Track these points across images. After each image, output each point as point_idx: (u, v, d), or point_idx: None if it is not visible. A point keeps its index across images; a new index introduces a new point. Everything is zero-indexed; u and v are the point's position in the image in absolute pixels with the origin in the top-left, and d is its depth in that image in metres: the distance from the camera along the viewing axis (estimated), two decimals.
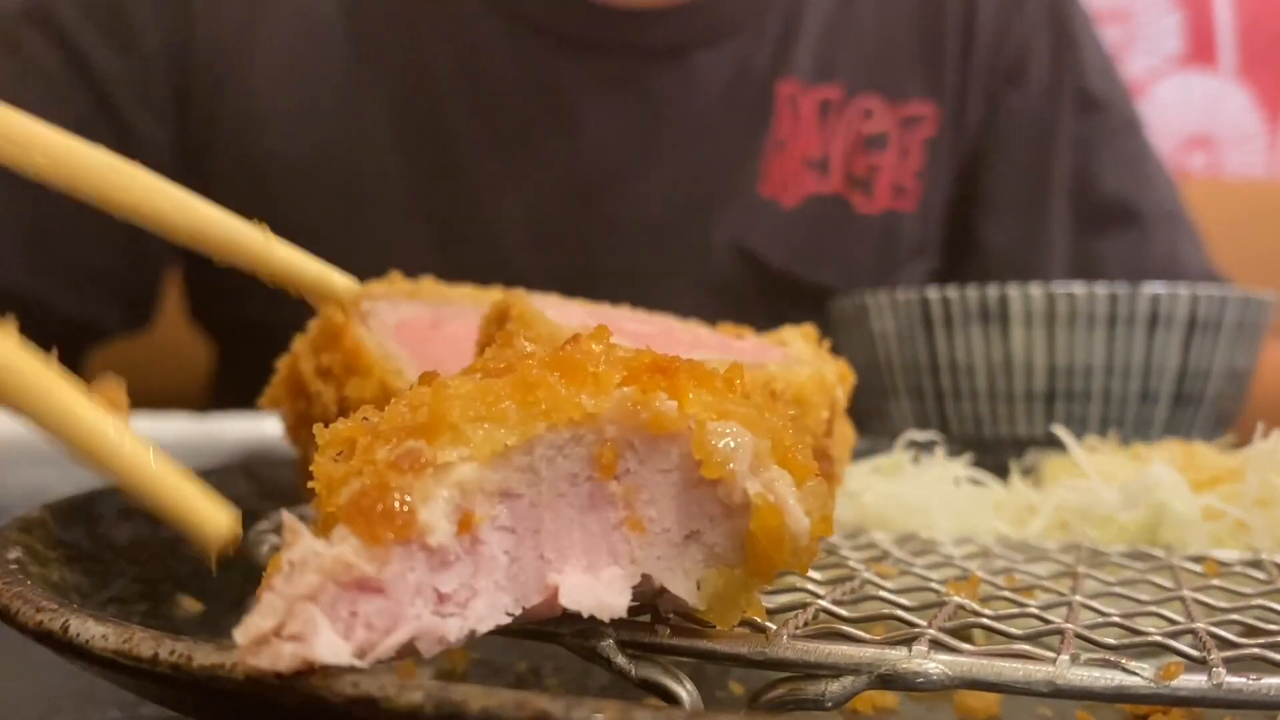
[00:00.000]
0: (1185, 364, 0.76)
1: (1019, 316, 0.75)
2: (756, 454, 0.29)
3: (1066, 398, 0.76)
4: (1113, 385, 0.76)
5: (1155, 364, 0.75)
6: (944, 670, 0.30)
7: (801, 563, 0.29)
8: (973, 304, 0.76)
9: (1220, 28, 2.80)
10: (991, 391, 0.78)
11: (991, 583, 0.41)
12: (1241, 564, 0.46)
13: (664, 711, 0.23)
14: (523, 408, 0.28)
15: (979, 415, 0.79)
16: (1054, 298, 0.74)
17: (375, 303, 0.50)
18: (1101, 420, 0.76)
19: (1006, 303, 0.75)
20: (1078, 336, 0.74)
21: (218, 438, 0.71)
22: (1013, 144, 1.17)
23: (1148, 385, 0.76)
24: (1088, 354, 0.75)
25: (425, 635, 0.27)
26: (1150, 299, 0.74)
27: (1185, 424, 0.78)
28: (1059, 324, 0.74)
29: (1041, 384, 0.76)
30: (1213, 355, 0.77)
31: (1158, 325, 0.75)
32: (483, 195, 1.06)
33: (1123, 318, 0.74)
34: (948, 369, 0.78)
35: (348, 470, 0.27)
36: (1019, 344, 0.76)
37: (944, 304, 0.77)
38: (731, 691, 0.43)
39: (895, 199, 1.15)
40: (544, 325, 0.40)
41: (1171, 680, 0.29)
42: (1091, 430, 0.76)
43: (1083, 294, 0.74)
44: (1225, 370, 0.78)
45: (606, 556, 0.30)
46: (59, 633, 0.29)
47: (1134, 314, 0.74)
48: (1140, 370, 0.75)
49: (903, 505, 0.56)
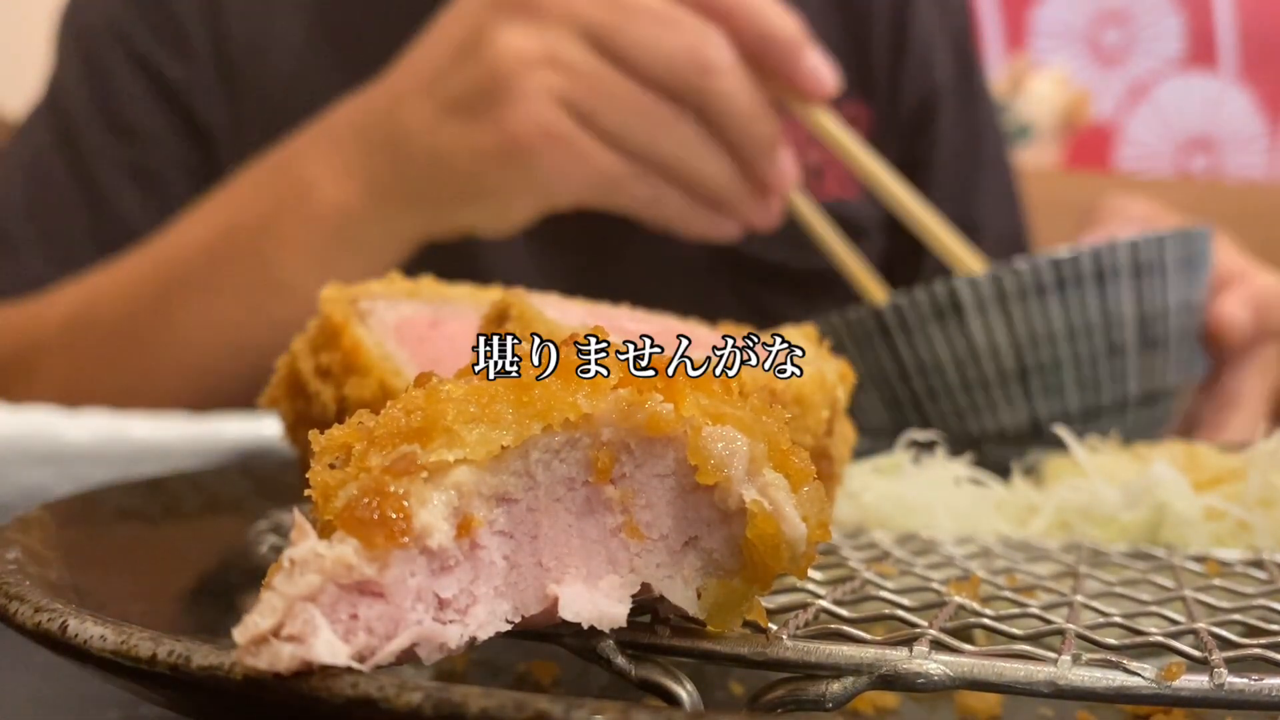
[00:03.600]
0: (1141, 309, 0.77)
1: (971, 304, 0.76)
2: (752, 459, 0.29)
3: (1039, 370, 0.77)
4: (1079, 347, 0.77)
5: (1113, 316, 0.77)
6: (945, 671, 0.29)
7: (799, 568, 0.29)
8: (924, 305, 0.77)
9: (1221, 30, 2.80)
10: (965, 383, 0.78)
11: (992, 583, 0.41)
12: (1243, 564, 0.46)
13: (664, 712, 0.23)
14: (518, 409, 0.28)
15: (959, 409, 0.79)
16: (999, 277, 0.75)
17: (374, 302, 0.50)
18: (1077, 384, 0.77)
19: (956, 293, 0.76)
20: (1032, 308, 0.75)
21: (218, 438, 0.71)
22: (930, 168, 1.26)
23: (1111, 338, 0.77)
24: (1046, 322, 0.76)
25: (426, 641, 0.27)
26: (1092, 256, 0.75)
27: (1159, 368, 0.79)
28: (1011, 301, 0.75)
29: (1010, 363, 0.77)
30: (1165, 294, 0.78)
31: (1105, 279, 0.76)
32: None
33: (1070, 279, 0.75)
34: (917, 372, 0.79)
35: (344, 477, 0.27)
36: (978, 330, 0.76)
37: (896, 311, 0.78)
38: (732, 692, 0.43)
39: (842, 189, 1.20)
40: (543, 325, 0.40)
41: (1173, 681, 0.29)
42: (1070, 398, 0.77)
43: (1026, 267, 0.75)
44: (1182, 305, 0.80)
45: (605, 564, 0.30)
46: (58, 633, 0.29)
47: (1080, 274, 0.75)
48: (1100, 326, 0.77)
49: (903, 505, 0.56)
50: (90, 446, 0.66)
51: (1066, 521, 0.54)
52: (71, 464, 0.65)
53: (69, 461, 0.65)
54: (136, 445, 0.67)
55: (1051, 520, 0.55)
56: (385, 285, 0.52)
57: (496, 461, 0.28)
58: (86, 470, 0.65)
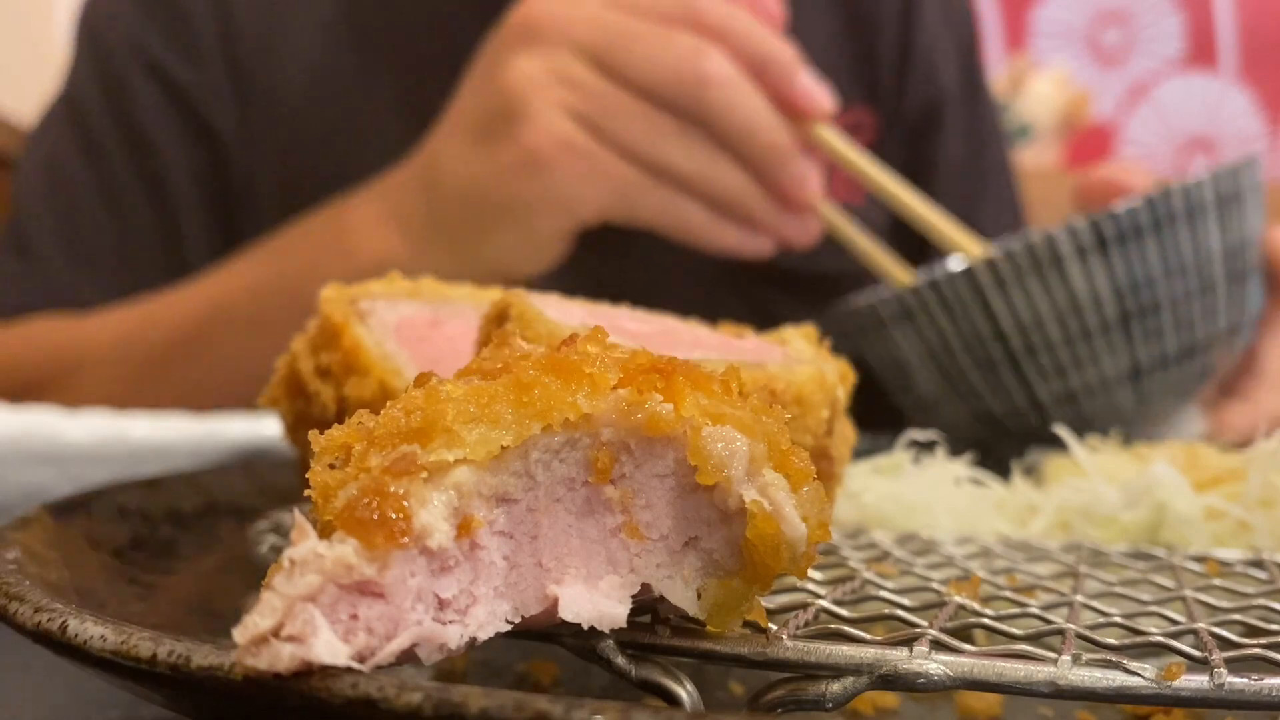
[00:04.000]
0: (1225, 242, 0.78)
1: (1071, 254, 0.76)
2: (752, 459, 0.29)
3: (1139, 315, 0.77)
4: (1174, 287, 0.77)
5: (1203, 253, 0.77)
6: (945, 671, 0.29)
7: (799, 568, 0.29)
8: (1023, 258, 0.76)
9: (1221, 30, 2.80)
10: (1066, 336, 0.78)
11: (993, 583, 0.41)
12: (1243, 564, 0.46)
13: (664, 712, 0.23)
14: (517, 409, 0.28)
15: (1060, 363, 0.79)
16: (1098, 223, 0.75)
17: (374, 302, 0.50)
18: (1175, 324, 0.78)
19: (1056, 244, 0.76)
20: (1131, 252, 0.76)
21: (218, 438, 0.71)
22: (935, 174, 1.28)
23: (1203, 275, 0.78)
24: (1144, 265, 0.76)
25: (426, 641, 0.27)
26: (1181, 193, 0.76)
27: (1243, 301, 0.81)
28: (1111, 246, 0.75)
29: (1113, 310, 0.77)
30: (1243, 225, 0.79)
31: (1195, 215, 0.76)
32: None
33: (1164, 219, 0.76)
34: (1015, 331, 0.78)
35: (343, 477, 0.27)
36: (1079, 280, 0.76)
37: (992, 268, 0.77)
38: (732, 692, 0.43)
39: (848, 194, 1.21)
40: (543, 325, 0.40)
41: (1173, 681, 0.29)
42: (1169, 340, 0.78)
43: (1123, 211, 0.75)
44: (1257, 235, 0.81)
45: (605, 564, 0.30)
46: (57, 633, 0.29)
47: (1173, 212, 0.76)
48: (1193, 264, 0.77)
49: (903, 505, 0.56)
50: (90, 446, 0.66)
51: (1067, 521, 0.54)
52: (71, 464, 0.65)
53: (69, 461, 0.65)
54: (136, 445, 0.67)
55: (1051, 520, 0.55)
56: (385, 285, 0.52)
57: (496, 462, 0.28)
58: (86, 470, 0.65)
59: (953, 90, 1.29)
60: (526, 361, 0.30)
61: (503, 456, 0.28)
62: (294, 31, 1.13)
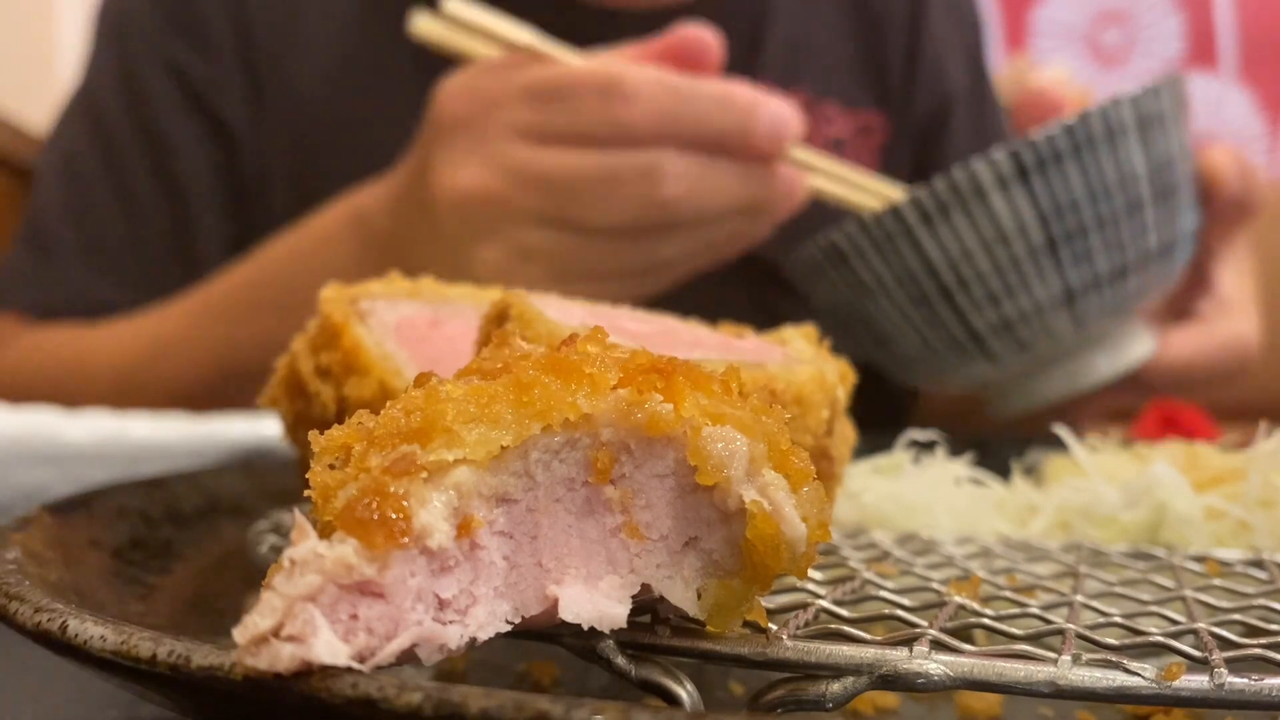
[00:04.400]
0: (1150, 162, 0.79)
1: (993, 184, 0.77)
2: (752, 459, 0.29)
3: (1067, 239, 0.78)
4: (1100, 209, 0.78)
5: (1127, 173, 0.78)
6: (945, 671, 0.29)
7: (799, 568, 0.29)
8: (945, 193, 0.78)
9: (1221, 30, 2.80)
10: (996, 266, 0.79)
11: (992, 583, 0.41)
12: (1243, 564, 0.46)
13: (664, 712, 0.23)
14: (517, 409, 0.28)
15: (992, 292, 0.80)
16: (1017, 153, 0.76)
17: (374, 302, 0.50)
18: (1104, 246, 0.79)
19: (976, 176, 0.76)
20: (1053, 178, 0.76)
21: (218, 438, 0.71)
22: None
23: (1129, 195, 0.78)
24: (1068, 190, 0.77)
25: (426, 641, 0.27)
26: (1100, 116, 0.76)
27: (1174, 218, 0.81)
28: (1032, 175, 0.76)
29: (1039, 237, 0.78)
30: (1167, 143, 0.80)
31: (1115, 137, 0.77)
32: None
33: (1084, 143, 0.76)
34: (945, 265, 0.80)
35: (343, 478, 0.27)
36: (1003, 210, 0.77)
37: (917, 205, 0.78)
38: (732, 692, 0.43)
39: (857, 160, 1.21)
40: (543, 325, 0.40)
41: (1173, 681, 0.29)
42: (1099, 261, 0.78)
43: (1041, 138, 0.76)
44: (1182, 151, 0.81)
45: (605, 564, 0.30)
46: (57, 633, 0.29)
47: (1091, 136, 0.76)
48: (1117, 185, 0.78)
49: (903, 505, 0.56)
50: (90, 446, 0.66)
51: (1066, 521, 0.54)
52: (71, 464, 0.65)
53: (69, 461, 0.65)
54: (136, 445, 0.67)
55: (1051, 520, 0.55)
56: (385, 285, 0.52)
57: (496, 462, 0.28)
58: (86, 470, 0.65)
59: (960, 91, 1.29)
60: (526, 361, 0.30)
61: (503, 456, 0.28)
62: (310, 27, 1.13)
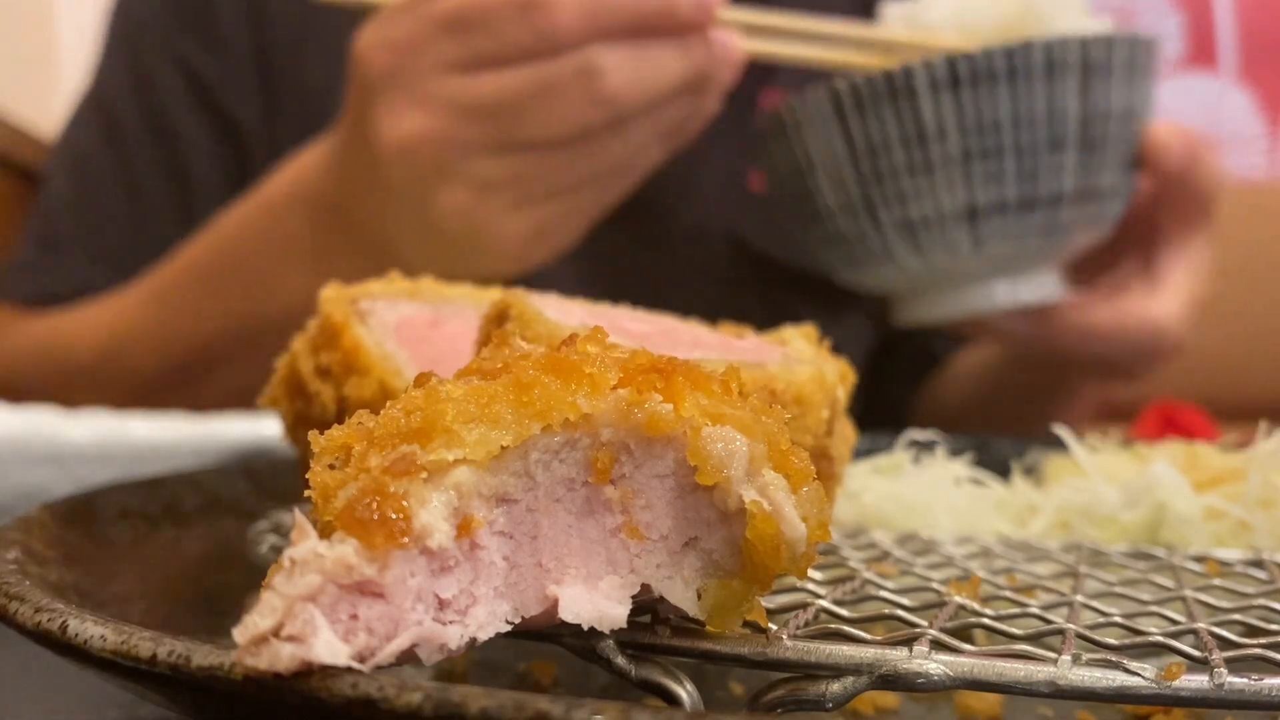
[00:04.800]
0: (1085, 108, 0.79)
1: (925, 87, 0.77)
2: (752, 459, 0.29)
3: (981, 156, 0.78)
4: (1021, 137, 0.78)
5: (1057, 110, 0.78)
6: (945, 670, 0.29)
7: (799, 568, 0.29)
8: (880, 85, 0.78)
9: (1221, 30, 2.80)
10: (910, 165, 0.80)
11: (992, 583, 0.41)
12: (1243, 564, 0.46)
13: (664, 712, 0.23)
14: (517, 409, 0.28)
15: (902, 193, 0.81)
16: (954, 61, 0.77)
17: (374, 302, 0.50)
18: (1017, 173, 0.79)
19: (911, 76, 0.77)
20: (982, 94, 0.77)
21: (218, 438, 0.71)
22: None
23: (1053, 132, 0.79)
24: (993, 109, 0.77)
25: (426, 642, 0.27)
26: (1044, 48, 0.77)
27: (1095, 167, 0.81)
28: (963, 86, 0.77)
29: (955, 147, 0.78)
30: (1109, 96, 0.80)
31: (1054, 73, 0.77)
32: None
33: (1021, 70, 0.77)
34: (866, 153, 0.80)
35: (343, 478, 0.27)
36: (929, 112, 0.78)
37: (853, 91, 0.79)
38: (732, 692, 0.43)
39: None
40: (543, 325, 0.40)
41: (1173, 681, 0.29)
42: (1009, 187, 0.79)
43: (981, 54, 0.76)
44: (1124, 111, 0.81)
45: (605, 565, 0.30)
46: (58, 633, 0.29)
47: (1030, 65, 0.77)
48: (1044, 118, 0.78)
49: (903, 505, 0.56)
50: (90, 446, 0.66)
51: (1066, 521, 0.54)
52: (71, 464, 0.65)
53: (69, 461, 0.65)
54: (136, 445, 0.67)
55: (1051, 520, 0.55)
56: (385, 285, 0.52)
57: (496, 462, 0.28)
58: (86, 470, 0.65)
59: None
60: (526, 361, 0.30)
61: (502, 457, 0.28)
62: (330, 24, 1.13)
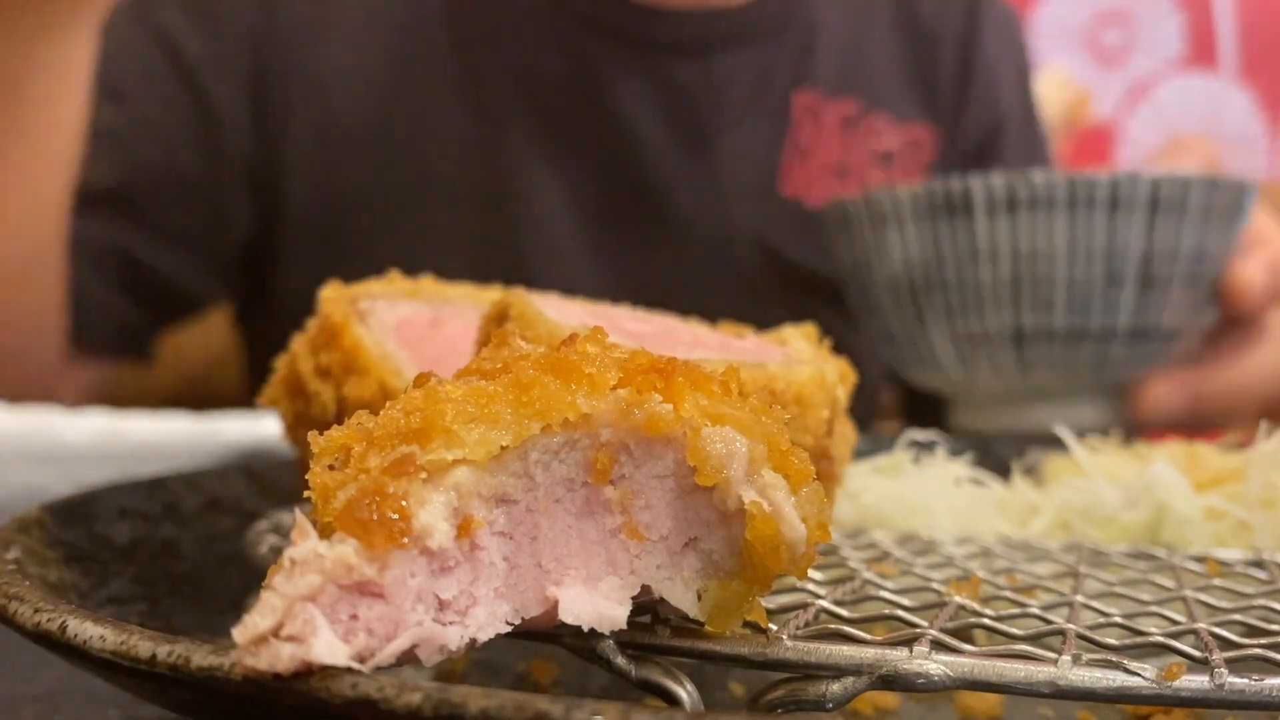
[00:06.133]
0: (1150, 247, 0.78)
1: (982, 205, 0.77)
2: (751, 459, 0.29)
3: (1031, 282, 0.79)
4: (1076, 271, 0.78)
5: (1118, 247, 0.78)
6: (945, 671, 0.29)
7: (799, 568, 0.29)
8: (939, 197, 0.79)
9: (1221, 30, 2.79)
10: (960, 281, 0.81)
11: (993, 583, 0.41)
12: (1243, 564, 0.46)
13: (664, 712, 0.23)
14: (517, 409, 0.28)
15: (950, 305, 0.82)
16: (1014, 185, 0.76)
17: (374, 302, 0.50)
18: (1067, 304, 0.79)
19: (969, 192, 0.77)
20: (1039, 221, 0.77)
21: (218, 438, 0.71)
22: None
23: (1111, 268, 0.78)
24: (1049, 238, 0.77)
25: (426, 642, 0.27)
26: (1110, 183, 0.76)
27: (1155, 306, 0.81)
28: (1020, 210, 0.77)
29: (1006, 270, 0.79)
30: (1178, 238, 0.79)
31: (1119, 208, 0.77)
32: (522, 167, 1.13)
33: (1083, 201, 0.77)
34: (919, 262, 0.82)
35: (343, 478, 0.27)
36: (983, 232, 0.78)
37: (913, 200, 0.80)
38: (732, 692, 0.43)
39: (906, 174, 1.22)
40: (543, 325, 0.40)
41: (1173, 681, 0.29)
42: (1057, 316, 0.79)
43: (1042, 180, 0.76)
44: (1194, 251, 0.80)
45: (605, 565, 0.30)
46: (57, 633, 0.29)
47: (1093, 198, 0.77)
48: (1103, 253, 0.78)
49: (903, 505, 0.56)
50: (90, 446, 0.66)
51: (1067, 521, 0.54)
52: (71, 464, 0.65)
53: (69, 461, 0.65)
54: (136, 445, 0.68)
55: (1052, 520, 0.54)
56: (385, 285, 0.52)
57: (496, 462, 0.28)
58: (86, 470, 0.65)
59: (1012, 112, 1.30)
60: (526, 361, 0.30)
61: (502, 457, 0.28)
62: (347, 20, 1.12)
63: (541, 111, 1.12)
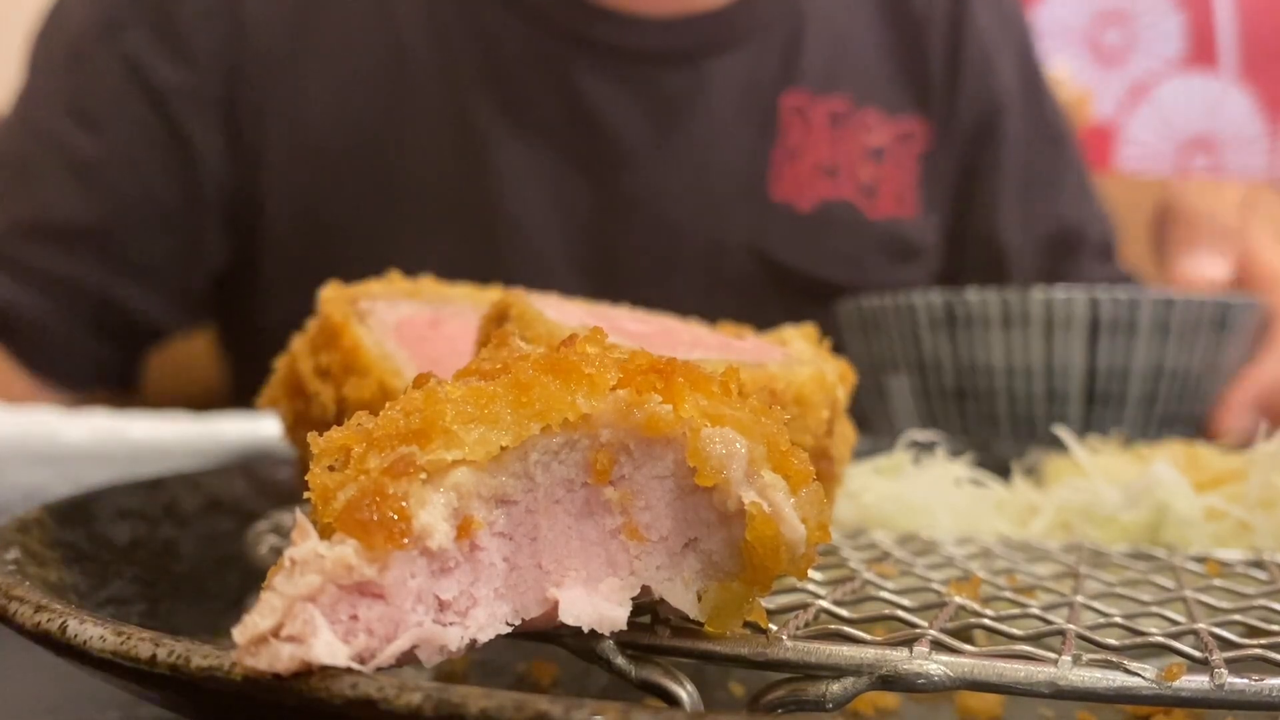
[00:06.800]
0: (1093, 364, 0.78)
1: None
2: (751, 460, 0.29)
3: (974, 395, 0.81)
4: (1015, 385, 0.79)
5: (1058, 364, 0.78)
6: (945, 671, 0.29)
7: (799, 569, 0.29)
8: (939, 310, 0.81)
9: (1221, 30, 2.79)
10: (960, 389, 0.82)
11: (993, 583, 0.41)
12: (1243, 564, 0.46)
13: (664, 713, 0.23)
14: (516, 409, 0.28)
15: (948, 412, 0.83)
16: (952, 304, 0.79)
17: (374, 302, 0.50)
18: (1010, 416, 0.80)
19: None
20: (976, 338, 0.79)
21: (218, 438, 0.71)
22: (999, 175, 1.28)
23: (1053, 385, 0.79)
24: (987, 354, 0.79)
25: (426, 643, 0.27)
26: (1043, 302, 0.77)
27: (1107, 421, 0.81)
28: (958, 327, 0.80)
29: (950, 382, 0.81)
30: (1128, 355, 0.78)
31: (1055, 327, 0.77)
32: (508, 187, 1.12)
33: (1017, 319, 0.78)
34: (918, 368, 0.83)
35: (343, 479, 0.27)
36: (928, 346, 0.81)
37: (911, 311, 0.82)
38: (732, 693, 0.43)
39: (897, 207, 1.21)
40: (543, 325, 0.40)
41: (1173, 681, 0.29)
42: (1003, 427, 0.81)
43: (976, 300, 0.78)
44: (1151, 370, 0.79)
45: (605, 566, 0.30)
46: (57, 634, 0.29)
47: (1028, 315, 0.78)
48: (1042, 371, 0.79)
49: (904, 505, 0.56)
50: (90, 446, 0.66)
51: (1067, 522, 0.54)
52: (71, 464, 0.65)
53: (69, 461, 0.65)
54: (136, 445, 0.67)
55: (1052, 520, 0.54)
56: (385, 285, 0.52)
57: (495, 463, 0.28)
58: (86, 470, 0.65)
59: (1012, 93, 1.27)
60: (526, 362, 0.30)
61: (502, 457, 0.28)
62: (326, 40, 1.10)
63: (527, 129, 1.11)
